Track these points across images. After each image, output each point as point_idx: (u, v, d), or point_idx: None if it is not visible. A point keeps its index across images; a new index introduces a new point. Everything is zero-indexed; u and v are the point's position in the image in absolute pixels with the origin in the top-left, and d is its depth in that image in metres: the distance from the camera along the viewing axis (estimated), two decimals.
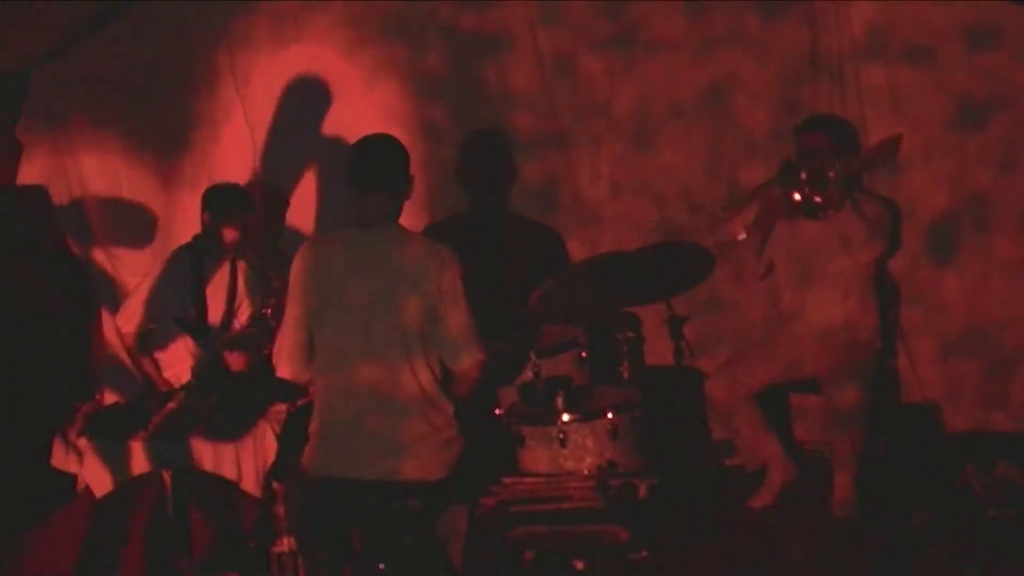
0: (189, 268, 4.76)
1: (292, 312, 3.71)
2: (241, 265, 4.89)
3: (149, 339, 4.80)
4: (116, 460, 4.03)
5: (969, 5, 4.82)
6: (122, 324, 4.82)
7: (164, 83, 5.48)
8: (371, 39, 5.40)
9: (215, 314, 4.79)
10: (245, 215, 4.81)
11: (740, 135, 5.19)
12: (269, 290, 4.62)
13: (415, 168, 3.82)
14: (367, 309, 3.62)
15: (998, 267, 4.99)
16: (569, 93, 5.33)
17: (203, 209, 4.81)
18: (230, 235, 4.77)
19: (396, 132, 4.06)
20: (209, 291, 4.79)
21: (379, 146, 3.76)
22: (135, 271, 5.40)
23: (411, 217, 4.42)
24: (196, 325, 4.74)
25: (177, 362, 4.77)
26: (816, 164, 4.55)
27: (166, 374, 4.78)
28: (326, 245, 3.79)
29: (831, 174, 4.51)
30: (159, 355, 4.80)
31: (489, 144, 5.38)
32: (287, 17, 5.42)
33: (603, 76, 5.29)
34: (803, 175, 4.55)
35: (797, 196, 4.57)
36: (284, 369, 3.74)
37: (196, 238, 4.84)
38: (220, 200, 4.81)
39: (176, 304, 4.73)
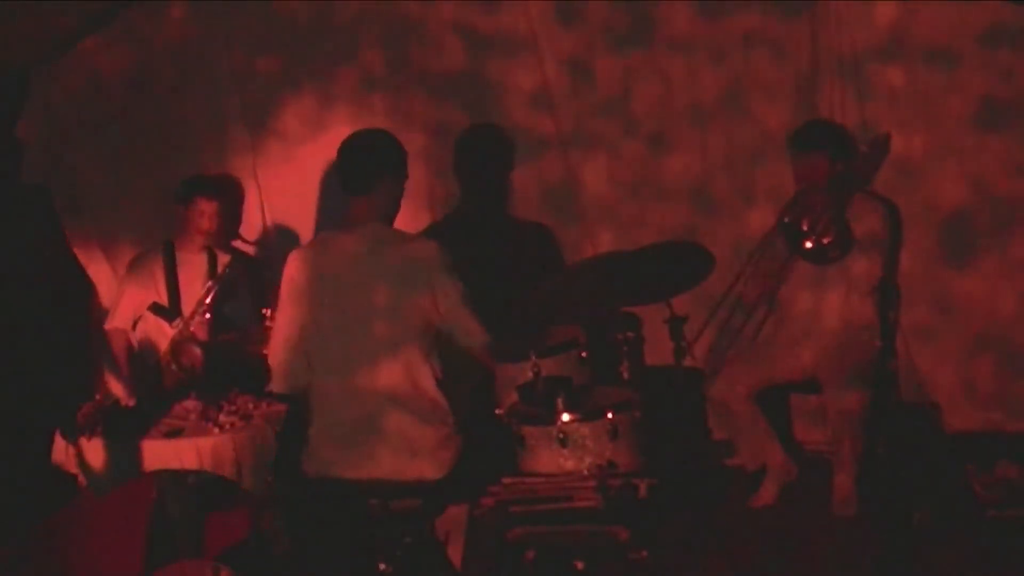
0: (161, 262, 4.94)
1: (281, 322, 3.75)
2: (219, 255, 4.95)
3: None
4: (119, 459, 4.04)
5: (988, 6, 4.76)
6: (118, 324, 4.98)
7: (164, 83, 5.47)
8: (383, 39, 5.38)
9: (189, 300, 4.87)
10: (205, 199, 4.96)
11: (757, 136, 5.14)
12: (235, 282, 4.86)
13: (423, 169, 3.83)
14: (358, 310, 3.63)
15: (1015, 268, 4.94)
16: (584, 93, 5.30)
17: (175, 202, 5.01)
18: (196, 219, 4.94)
19: (408, 133, 4.06)
20: (184, 278, 4.92)
21: (355, 148, 3.77)
22: None
23: (415, 216, 4.45)
24: (169, 309, 4.86)
25: (152, 341, 4.90)
26: (812, 213, 4.55)
27: (139, 348, 4.95)
28: (311, 250, 3.81)
29: (826, 219, 4.52)
30: (138, 338, 4.98)
31: (489, 140, 5.36)
32: (292, 18, 5.40)
33: (618, 76, 5.25)
34: (805, 227, 4.56)
35: (809, 244, 4.57)
36: (276, 384, 3.80)
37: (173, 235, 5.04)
38: (184, 187, 5.00)
39: (153, 294, 4.91)
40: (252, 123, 5.52)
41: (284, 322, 3.74)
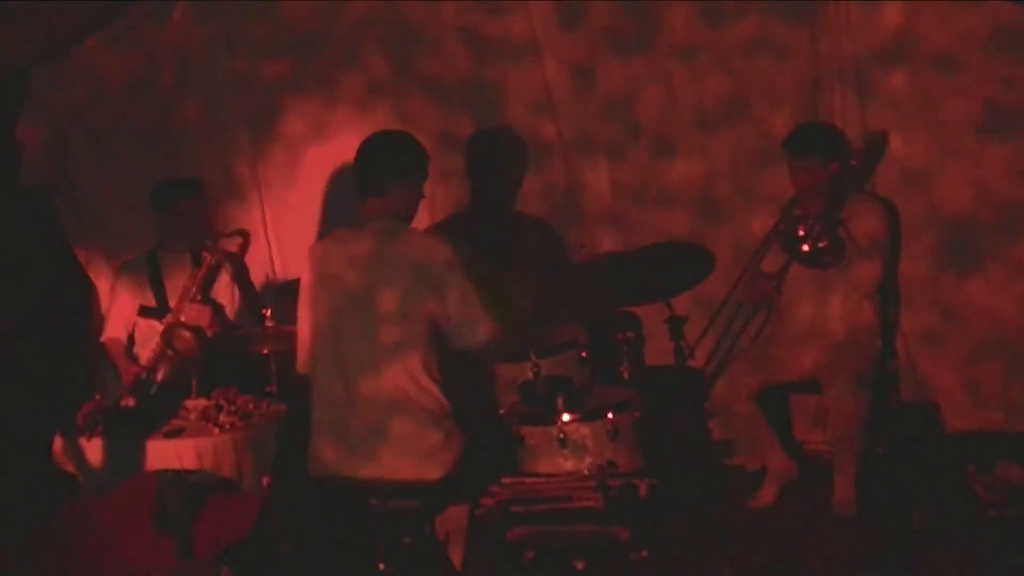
0: (145, 267, 4.97)
1: (300, 308, 3.83)
2: (205, 255, 4.98)
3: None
4: (119, 459, 4.04)
5: (993, 9, 4.71)
6: (111, 335, 5.00)
7: (166, 85, 5.47)
8: (386, 43, 5.38)
9: (174, 296, 4.91)
10: (186, 199, 4.97)
11: (759, 140, 5.11)
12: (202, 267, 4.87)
13: (430, 173, 3.84)
14: (363, 313, 3.64)
15: (1018, 273, 4.88)
16: (586, 97, 5.29)
17: (151, 211, 4.99)
18: (178, 220, 4.94)
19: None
20: (171, 279, 4.95)
21: (372, 149, 3.79)
22: None
23: (416, 220, 4.40)
24: (157, 309, 4.91)
25: (146, 342, 4.91)
26: (809, 217, 4.57)
27: (138, 350, 4.95)
28: (323, 246, 3.85)
29: (821, 223, 4.52)
30: (135, 343, 5.01)
31: (493, 143, 5.36)
32: (295, 22, 5.40)
33: (621, 80, 5.23)
34: (801, 232, 4.57)
35: (806, 247, 4.58)
36: (299, 365, 3.87)
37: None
38: (163, 190, 5.00)
39: (141, 299, 4.95)
40: (254, 126, 5.52)
41: (301, 307, 3.83)
